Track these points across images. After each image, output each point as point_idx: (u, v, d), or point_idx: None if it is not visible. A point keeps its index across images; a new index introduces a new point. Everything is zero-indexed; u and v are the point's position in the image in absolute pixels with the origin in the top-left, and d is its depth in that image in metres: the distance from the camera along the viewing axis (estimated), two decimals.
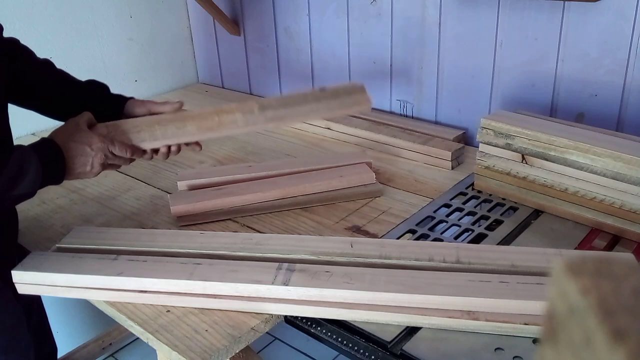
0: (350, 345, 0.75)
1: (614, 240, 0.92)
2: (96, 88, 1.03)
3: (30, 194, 0.84)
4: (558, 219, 0.98)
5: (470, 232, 0.97)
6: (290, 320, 0.80)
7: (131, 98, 1.03)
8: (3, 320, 0.93)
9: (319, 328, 0.78)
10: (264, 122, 0.96)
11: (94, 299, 0.85)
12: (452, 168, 1.21)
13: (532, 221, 0.99)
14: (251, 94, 1.82)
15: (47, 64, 1.02)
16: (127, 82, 1.72)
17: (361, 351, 0.74)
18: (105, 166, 0.92)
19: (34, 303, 1.04)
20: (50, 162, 0.85)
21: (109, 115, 0.99)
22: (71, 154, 0.87)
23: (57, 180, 0.88)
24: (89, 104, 0.99)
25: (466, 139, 1.33)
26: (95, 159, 0.90)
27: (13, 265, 0.87)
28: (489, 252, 0.84)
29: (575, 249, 0.91)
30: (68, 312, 1.61)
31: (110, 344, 1.67)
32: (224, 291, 0.80)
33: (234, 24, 1.74)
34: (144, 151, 0.96)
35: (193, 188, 1.11)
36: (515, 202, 1.03)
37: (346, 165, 1.15)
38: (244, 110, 0.95)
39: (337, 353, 0.89)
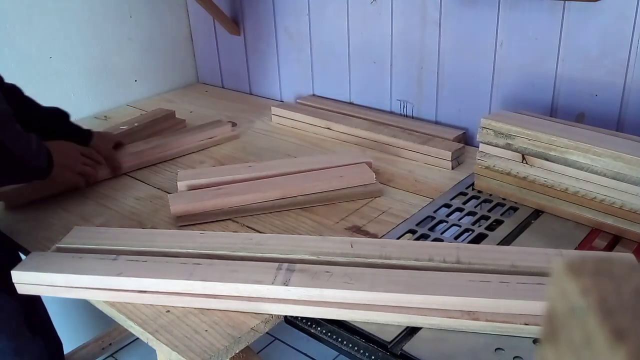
0: (350, 345, 0.75)
1: (614, 241, 0.92)
2: (58, 115, 1.18)
3: (42, 171, 0.99)
4: (558, 219, 0.98)
5: (470, 232, 0.97)
6: (290, 321, 0.80)
7: (95, 132, 1.22)
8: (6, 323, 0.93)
9: (318, 328, 0.78)
10: None
11: (93, 299, 0.85)
12: (452, 168, 1.21)
13: (533, 221, 0.99)
14: (251, 94, 1.82)
15: (14, 89, 1.10)
16: (127, 82, 1.72)
17: (361, 351, 0.73)
18: (84, 155, 1.12)
19: (37, 303, 1.05)
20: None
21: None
22: (55, 149, 1.04)
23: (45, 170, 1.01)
24: (52, 131, 1.11)
25: (466, 139, 1.33)
26: (75, 152, 1.11)
27: None
28: (489, 252, 0.84)
29: (576, 249, 0.90)
30: (68, 312, 1.61)
31: (110, 344, 1.67)
32: (223, 291, 0.80)
33: (234, 24, 1.74)
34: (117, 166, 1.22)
35: (193, 188, 1.11)
36: (516, 202, 1.03)
37: (346, 165, 1.15)
38: None
39: (337, 353, 0.89)
